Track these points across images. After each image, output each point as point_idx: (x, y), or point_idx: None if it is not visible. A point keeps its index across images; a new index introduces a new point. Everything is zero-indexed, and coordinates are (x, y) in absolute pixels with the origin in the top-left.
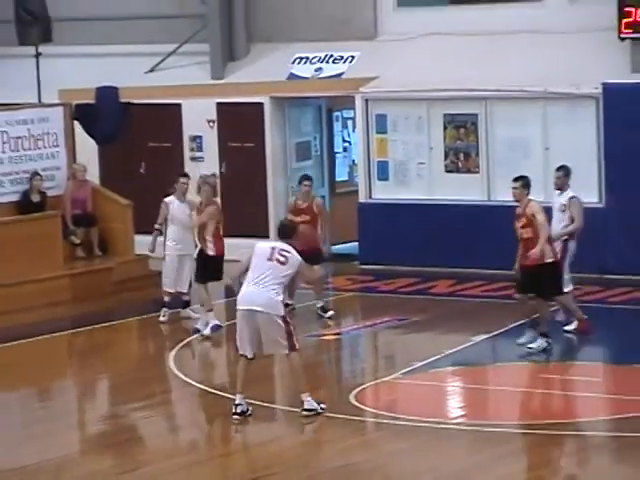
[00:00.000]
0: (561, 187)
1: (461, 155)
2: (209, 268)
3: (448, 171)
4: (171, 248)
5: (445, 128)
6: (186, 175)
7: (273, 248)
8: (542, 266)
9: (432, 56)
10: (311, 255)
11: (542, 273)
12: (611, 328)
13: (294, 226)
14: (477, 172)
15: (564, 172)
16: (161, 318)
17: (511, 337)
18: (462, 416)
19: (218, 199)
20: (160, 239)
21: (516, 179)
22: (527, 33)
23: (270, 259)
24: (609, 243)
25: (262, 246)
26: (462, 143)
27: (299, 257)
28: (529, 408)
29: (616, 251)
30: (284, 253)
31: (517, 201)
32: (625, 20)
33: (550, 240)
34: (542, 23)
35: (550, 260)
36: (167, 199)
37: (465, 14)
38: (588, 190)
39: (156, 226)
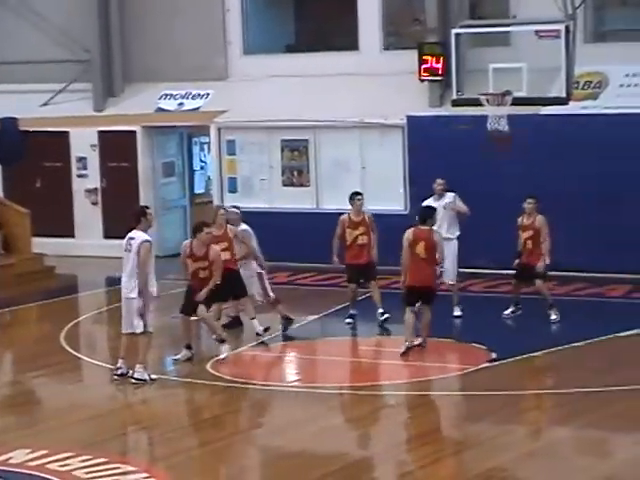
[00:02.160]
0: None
1: (295, 172)
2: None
3: (285, 185)
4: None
5: (282, 150)
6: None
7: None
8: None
9: (272, 93)
10: (366, 269)
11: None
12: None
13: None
14: (308, 186)
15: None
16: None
17: (335, 317)
18: (297, 380)
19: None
20: None
21: (531, 196)
22: (347, 75)
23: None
24: None
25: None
26: (296, 163)
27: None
28: (350, 374)
29: None
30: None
31: (528, 214)
32: (423, 66)
33: None
34: (359, 67)
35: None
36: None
37: (298, 60)
38: (396, 200)
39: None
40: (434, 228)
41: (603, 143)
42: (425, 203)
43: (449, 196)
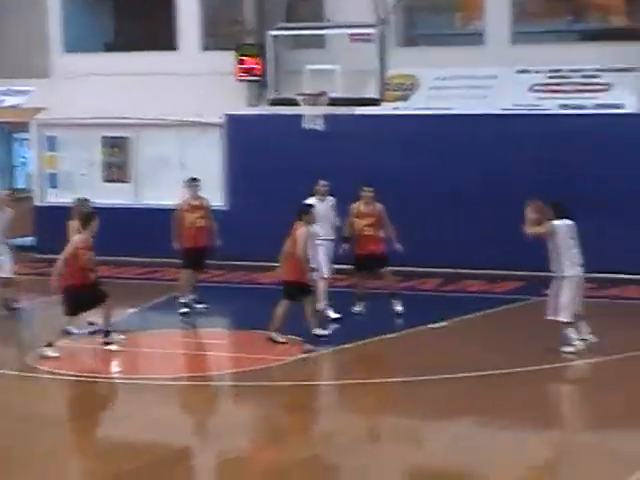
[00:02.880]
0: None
1: (115, 168)
2: None
3: (106, 181)
4: None
5: (103, 147)
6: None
7: None
8: None
9: (93, 91)
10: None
11: None
12: (229, 302)
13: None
14: (128, 181)
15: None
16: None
17: (156, 310)
18: (118, 371)
19: None
20: None
21: (367, 185)
22: (167, 75)
23: None
24: (231, 236)
25: None
26: (116, 159)
27: None
28: (170, 366)
29: (236, 242)
30: None
31: (366, 203)
32: (241, 66)
33: None
34: (179, 67)
35: None
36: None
37: (118, 59)
38: (215, 195)
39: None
40: (311, 226)
41: (414, 142)
42: (308, 201)
43: (331, 199)
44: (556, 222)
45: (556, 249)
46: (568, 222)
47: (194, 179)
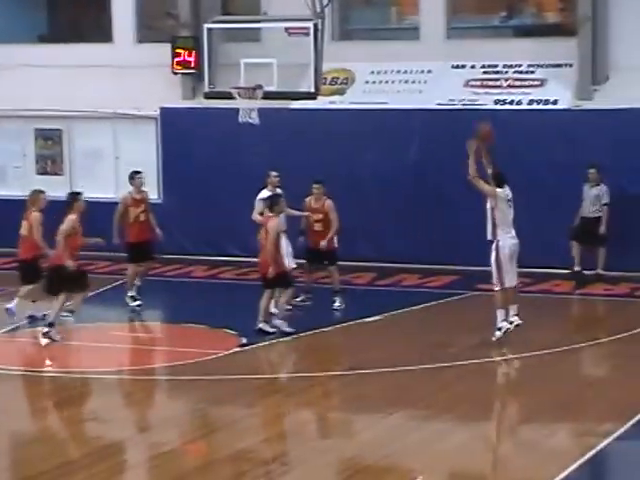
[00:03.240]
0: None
1: (49, 161)
2: None
3: (39, 173)
4: None
5: (36, 139)
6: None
7: None
8: None
9: (25, 83)
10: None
11: None
12: (165, 296)
13: None
14: (62, 174)
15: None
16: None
17: (89, 303)
18: (50, 365)
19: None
20: None
21: (317, 181)
22: (102, 67)
23: None
24: (166, 231)
25: None
26: (50, 151)
27: None
28: (104, 358)
29: (171, 237)
30: None
31: (316, 198)
32: (177, 59)
33: None
34: (113, 59)
35: None
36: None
37: (52, 51)
38: (151, 190)
39: None
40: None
41: (349, 137)
42: (261, 195)
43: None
44: (498, 189)
45: (494, 215)
46: (508, 191)
47: (137, 172)
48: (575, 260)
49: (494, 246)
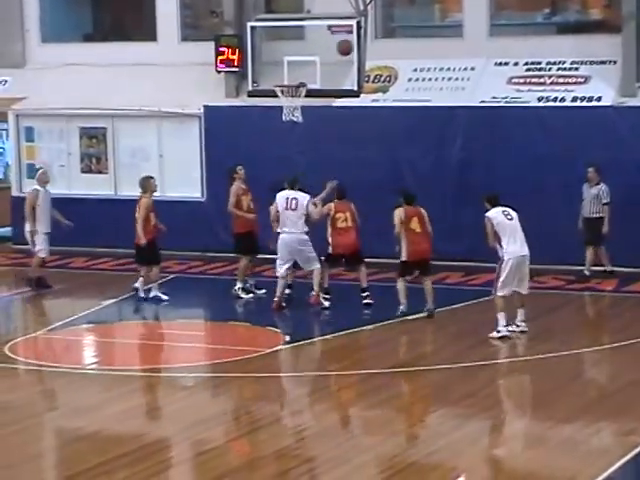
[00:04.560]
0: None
1: (94, 159)
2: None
3: (83, 172)
4: None
5: (81, 138)
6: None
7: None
8: None
9: (70, 82)
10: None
11: None
12: (207, 294)
13: None
14: (106, 173)
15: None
16: None
17: (132, 301)
18: (94, 363)
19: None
20: None
21: None
22: (146, 65)
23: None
24: (208, 228)
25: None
26: (94, 150)
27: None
28: (147, 356)
29: (215, 234)
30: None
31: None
32: (220, 58)
33: None
34: (157, 58)
35: None
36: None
37: (97, 49)
38: (194, 187)
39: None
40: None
41: (392, 134)
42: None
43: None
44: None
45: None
46: (499, 208)
47: (239, 164)
48: (587, 264)
49: (500, 254)
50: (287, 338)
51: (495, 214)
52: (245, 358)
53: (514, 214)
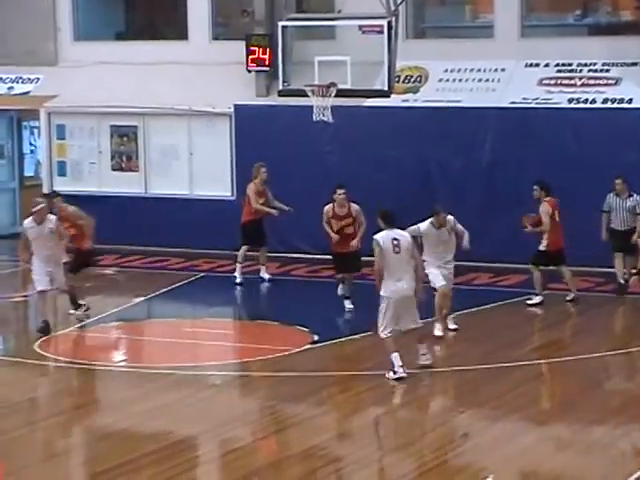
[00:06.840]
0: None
1: (124, 157)
2: None
3: (114, 170)
4: None
5: (112, 136)
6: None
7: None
8: None
9: (101, 80)
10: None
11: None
12: (236, 293)
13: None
14: (137, 171)
15: None
16: None
17: (163, 299)
18: (123, 360)
19: None
20: None
21: (340, 186)
22: (177, 64)
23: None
24: (238, 227)
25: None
26: (125, 148)
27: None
28: (176, 354)
29: None
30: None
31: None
32: (251, 57)
33: None
34: (188, 56)
35: None
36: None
37: (128, 48)
38: (224, 186)
39: None
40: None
41: (421, 134)
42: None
43: None
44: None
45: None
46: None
47: (341, 186)
48: (619, 273)
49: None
50: (315, 337)
51: (382, 239)
52: (273, 357)
53: (406, 244)
